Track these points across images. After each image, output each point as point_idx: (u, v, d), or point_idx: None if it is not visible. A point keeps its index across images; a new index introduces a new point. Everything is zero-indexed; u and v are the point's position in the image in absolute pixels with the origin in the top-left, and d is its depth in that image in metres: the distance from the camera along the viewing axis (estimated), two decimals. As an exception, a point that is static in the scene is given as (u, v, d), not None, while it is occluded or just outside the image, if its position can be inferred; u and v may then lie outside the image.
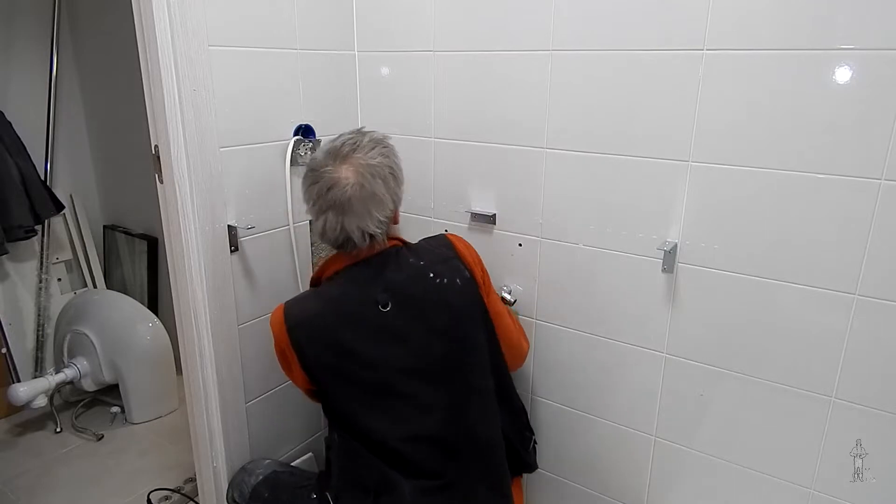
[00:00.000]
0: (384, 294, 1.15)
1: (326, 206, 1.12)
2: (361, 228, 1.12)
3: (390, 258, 1.19)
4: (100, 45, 2.47)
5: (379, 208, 1.13)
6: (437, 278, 1.18)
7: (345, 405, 1.17)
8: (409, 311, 1.15)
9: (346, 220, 1.11)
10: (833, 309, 1.09)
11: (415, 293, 1.16)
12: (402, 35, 1.47)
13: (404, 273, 1.17)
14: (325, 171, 1.12)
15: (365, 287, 1.16)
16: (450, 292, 1.18)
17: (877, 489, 1.12)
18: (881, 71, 0.96)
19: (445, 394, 1.16)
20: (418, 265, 1.18)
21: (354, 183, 1.10)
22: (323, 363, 1.15)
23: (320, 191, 1.12)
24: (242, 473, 1.39)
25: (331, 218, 1.12)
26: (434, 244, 1.25)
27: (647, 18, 1.14)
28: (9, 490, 1.94)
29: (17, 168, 2.21)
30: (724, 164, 1.13)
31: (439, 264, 1.19)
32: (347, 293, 1.16)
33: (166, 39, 1.15)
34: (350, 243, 1.14)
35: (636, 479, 1.41)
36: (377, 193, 1.13)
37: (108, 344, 2.23)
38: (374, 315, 1.14)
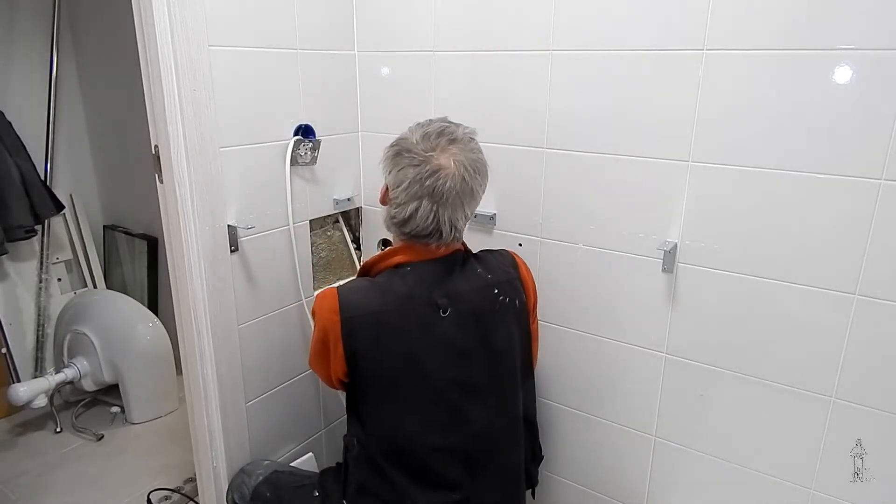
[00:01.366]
0: (445, 299, 1.10)
1: (423, 192, 1.06)
2: (453, 222, 1.09)
3: (457, 263, 1.15)
4: (100, 45, 2.47)
5: (471, 204, 1.11)
6: (500, 295, 1.15)
7: (384, 408, 1.12)
8: (467, 322, 1.11)
9: (440, 211, 1.07)
10: (833, 309, 1.08)
11: (476, 305, 1.12)
12: (402, 35, 1.47)
13: (470, 282, 1.13)
14: (427, 156, 1.06)
15: (430, 288, 1.11)
16: (510, 312, 1.15)
17: (877, 489, 1.12)
18: (881, 71, 0.96)
19: (487, 410, 1.14)
20: (485, 277, 1.15)
21: (456, 174, 1.06)
22: (374, 363, 1.09)
23: (420, 176, 1.06)
24: (242, 475, 1.39)
25: (425, 206, 1.07)
26: (500, 259, 1.21)
27: (648, 18, 1.14)
28: (9, 490, 1.94)
29: (17, 168, 2.21)
30: (724, 164, 1.13)
31: (504, 283, 1.16)
32: (414, 293, 1.10)
33: (166, 39, 1.15)
34: (436, 235, 1.09)
35: (636, 479, 1.41)
36: (474, 189, 1.10)
37: (108, 344, 2.23)
38: (434, 319, 1.10)
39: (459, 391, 1.11)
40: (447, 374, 1.10)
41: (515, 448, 1.20)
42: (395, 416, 1.11)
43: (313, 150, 1.48)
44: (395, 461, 1.11)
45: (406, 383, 1.10)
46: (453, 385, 1.11)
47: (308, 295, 1.56)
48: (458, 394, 1.11)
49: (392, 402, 1.11)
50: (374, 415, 1.13)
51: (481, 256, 1.20)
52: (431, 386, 1.10)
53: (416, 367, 1.09)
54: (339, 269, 1.68)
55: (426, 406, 1.11)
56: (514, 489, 1.22)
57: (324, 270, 1.63)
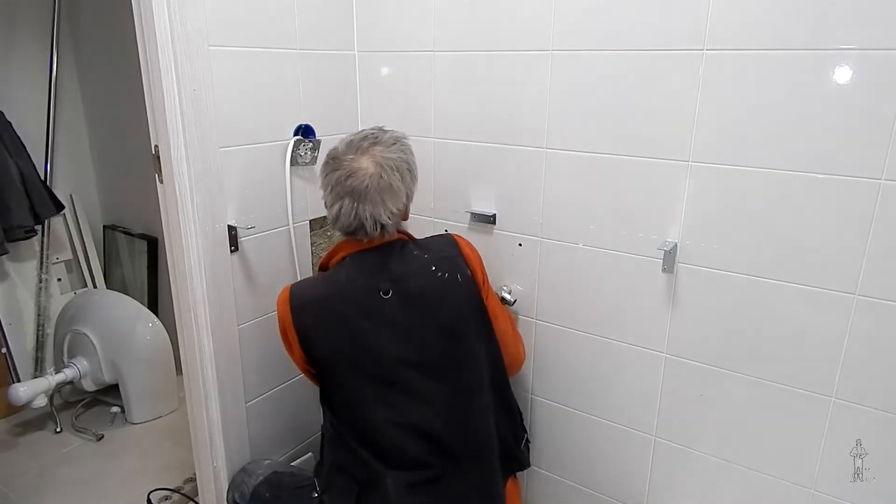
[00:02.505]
0: (386, 283, 1.18)
1: (344, 192, 1.17)
2: (374, 217, 1.17)
3: (395, 249, 1.22)
4: (100, 45, 2.47)
5: (393, 200, 1.18)
6: (438, 272, 1.20)
7: (343, 390, 1.19)
8: (409, 302, 1.18)
9: (360, 208, 1.16)
10: (833, 309, 1.09)
11: (417, 285, 1.19)
12: (402, 35, 1.47)
13: (408, 265, 1.21)
14: (345, 160, 1.17)
15: (369, 275, 1.19)
16: (450, 287, 1.20)
17: (877, 489, 1.12)
18: (881, 71, 0.96)
19: (443, 388, 1.18)
20: (422, 258, 1.22)
21: (373, 173, 1.16)
22: (324, 345, 1.18)
23: (339, 178, 1.17)
24: (242, 474, 1.39)
25: (346, 204, 1.17)
26: (439, 241, 1.28)
27: (648, 18, 1.14)
28: (9, 490, 1.93)
29: (17, 168, 2.21)
30: (724, 164, 1.13)
31: (443, 259, 1.22)
32: (352, 279, 1.19)
33: (166, 39, 1.15)
34: (361, 230, 1.18)
35: (636, 479, 1.41)
36: (393, 185, 1.17)
37: (108, 344, 2.23)
38: (375, 302, 1.17)
39: (411, 370, 1.16)
40: (395, 353, 1.16)
41: (483, 422, 1.22)
42: (354, 397, 1.18)
43: (313, 150, 1.48)
44: (363, 441, 1.17)
45: (356, 365, 1.17)
46: (403, 364, 1.16)
47: (308, 295, 1.56)
48: (410, 372, 1.16)
49: (348, 383, 1.18)
50: (337, 398, 1.21)
51: (420, 241, 1.28)
52: (380, 365, 1.16)
53: (362, 348, 1.16)
54: (339, 269, 1.68)
55: (379, 386, 1.16)
56: (489, 469, 1.22)
57: (324, 270, 1.63)
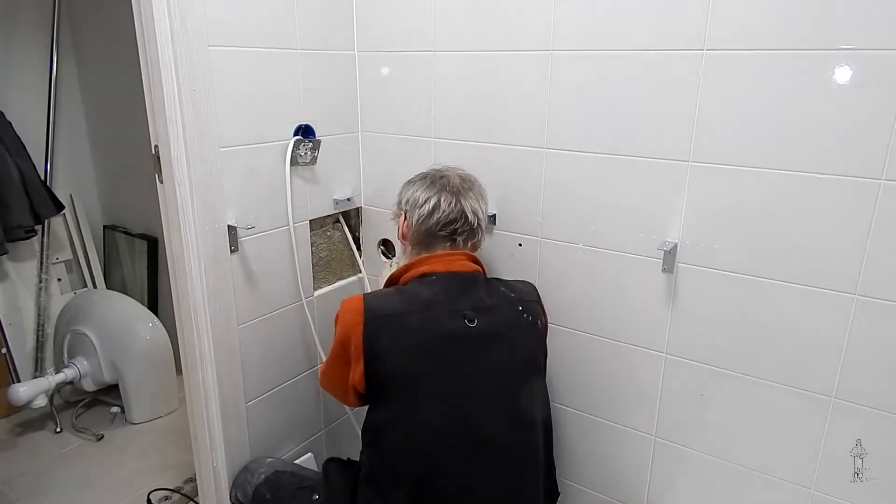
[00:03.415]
0: (472, 311, 1.10)
1: (438, 188, 1.19)
2: (473, 210, 1.18)
3: (480, 281, 1.17)
4: (100, 46, 2.47)
5: (482, 202, 1.22)
6: (524, 313, 1.16)
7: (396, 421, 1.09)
8: (493, 337, 1.11)
9: (461, 199, 1.17)
10: (833, 309, 1.08)
11: (503, 320, 1.13)
12: (402, 35, 1.47)
13: (495, 299, 1.15)
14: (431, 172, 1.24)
15: (455, 297, 1.11)
16: (532, 331, 1.17)
17: (877, 489, 1.12)
18: (881, 71, 0.96)
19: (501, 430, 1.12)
20: (509, 296, 1.17)
21: (458, 179, 1.21)
22: (389, 362, 1.07)
23: (430, 180, 1.21)
24: (245, 473, 1.39)
25: (446, 196, 1.17)
26: (522, 284, 1.24)
27: (648, 18, 1.14)
28: (9, 490, 1.93)
29: (17, 168, 2.21)
30: (724, 164, 1.13)
31: (528, 302, 1.19)
32: (438, 299, 1.11)
33: (166, 39, 1.15)
34: (461, 221, 1.16)
35: (636, 479, 1.41)
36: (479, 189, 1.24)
37: (108, 344, 2.23)
38: (460, 328, 1.09)
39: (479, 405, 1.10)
40: (470, 385, 1.09)
41: (534, 473, 1.18)
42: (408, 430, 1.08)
43: (313, 150, 1.48)
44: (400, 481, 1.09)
45: (424, 390, 1.08)
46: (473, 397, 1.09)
47: (308, 295, 1.57)
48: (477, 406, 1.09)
49: (407, 412, 1.08)
50: (387, 428, 1.10)
51: (503, 280, 1.24)
52: (449, 395, 1.08)
53: (438, 372, 1.08)
54: (340, 269, 1.68)
55: (441, 418, 1.08)
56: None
57: (324, 270, 1.63)
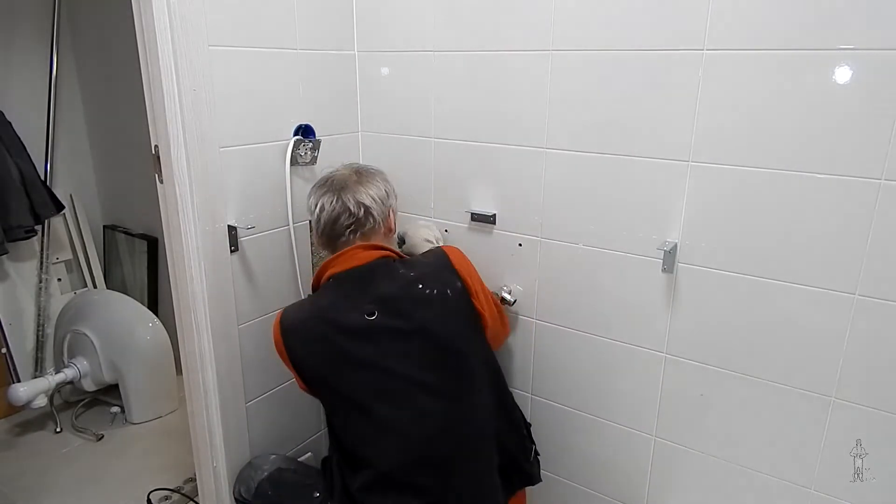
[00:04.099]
0: (370, 304, 1.15)
1: (323, 190, 1.22)
2: (357, 200, 1.20)
3: (380, 268, 1.19)
4: (100, 45, 2.47)
5: (373, 187, 1.22)
6: (426, 289, 1.17)
7: (338, 413, 1.19)
8: (394, 321, 1.15)
9: (342, 194, 1.20)
10: (833, 309, 1.08)
11: (402, 304, 1.15)
12: (402, 35, 1.47)
13: (395, 284, 1.17)
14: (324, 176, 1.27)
15: (352, 296, 1.17)
16: (441, 303, 1.17)
17: (877, 489, 1.12)
18: (881, 71, 0.96)
19: (438, 405, 1.15)
20: (408, 276, 1.18)
21: (347, 172, 1.25)
22: (313, 369, 1.18)
23: (316, 185, 1.24)
24: (249, 469, 1.40)
25: (328, 195, 1.20)
26: (429, 256, 1.26)
27: (647, 18, 1.14)
28: (9, 490, 1.93)
29: (17, 168, 2.21)
30: (724, 164, 1.13)
31: (428, 275, 1.19)
32: (335, 302, 1.18)
33: (166, 39, 1.15)
34: (345, 215, 1.19)
35: (636, 479, 1.41)
36: (372, 175, 1.25)
37: (108, 344, 2.23)
38: (360, 324, 1.14)
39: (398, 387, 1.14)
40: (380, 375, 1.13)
41: (486, 443, 1.20)
42: (345, 421, 1.17)
43: (313, 150, 1.48)
44: (353, 467, 1.16)
45: (344, 387, 1.15)
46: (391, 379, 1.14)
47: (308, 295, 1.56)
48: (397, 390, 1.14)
49: (339, 406, 1.18)
50: (333, 422, 1.21)
51: (408, 259, 1.25)
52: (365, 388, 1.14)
53: (347, 367, 1.14)
54: (339, 269, 1.68)
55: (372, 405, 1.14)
56: (490, 481, 1.20)
57: (324, 270, 1.63)
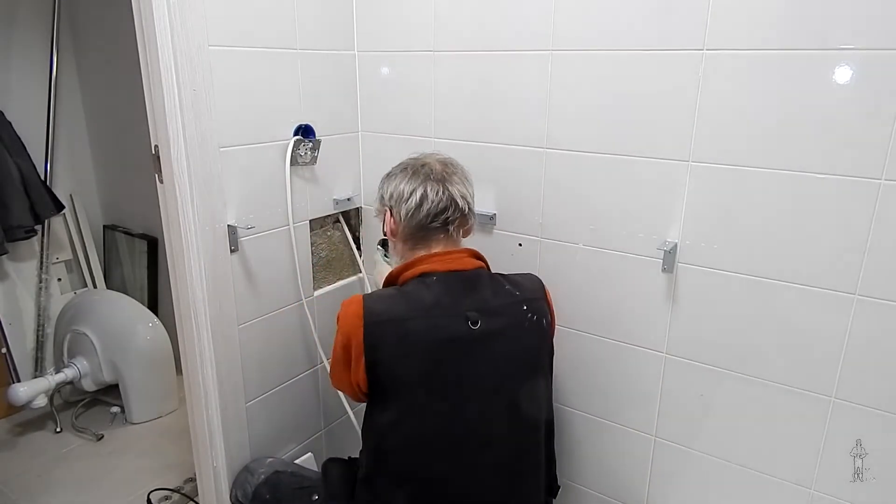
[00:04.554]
0: (475, 312, 1.07)
1: (423, 178, 1.12)
2: (462, 195, 1.13)
3: (484, 279, 1.13)
4: (100, 45, 2.47)
5: (469, 186, 1.16)
6: (529, 312, 1.12)
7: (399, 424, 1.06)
8: (496, 337, 1.08)
9: (447, 186, 1.12)
10: (833, 309, 1.08)
11: (507, 321, 1.10)
12: (402, 35, 1.47)
13: (499, 298, 1.11)
14: (410, 162, 1.17)
15: (458, 299, 1.07)
16: (538, 330, 1.14)
17: (877, 489, 1.12)
18: (881, 71, 0.96)
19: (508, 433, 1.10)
20: (514, 294, 1.13)
21: (440, 165, 1.16)
22: (393, 368, 1.05)
23: (412, 170, 1.14)
24: (245, 473, 1.39)
25: (432, 185, 1.11)
26: (528, 279, 1.20)
27: (648, 18, 1.14)
28: (9, 490, 1.93)
29: (17, 168, 2.21)
30: (724, 164, 1.13)
31: (533, 300, 1.15)
32: (441, 302, 1.06)
33: (166, 39, 1.15)
34: (451, 208, 1.12)
35: (636, 479, 1.41)
36: (466, 177, 1.18)
37: (108, 344, 2.23)
38: (461, 331, 1.05)
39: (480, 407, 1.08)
40: (472, 388, 1.07)
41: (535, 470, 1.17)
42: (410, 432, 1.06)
43: (313, 150, 1.48)
44: (400, 483, 1.07)
45: (427, 395, 1.05)
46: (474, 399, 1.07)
47: (308, 295, 1.57)
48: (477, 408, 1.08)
49: (409, 415, 1.06)
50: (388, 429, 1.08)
51: (508, 276, 1.19)
52: (450, 397, 1.06)
53: (440, 376, 1.05)
54: (340, 269, 1.68)
55: (442, 420, 1.06)
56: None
57: (324, 270, 1.63)
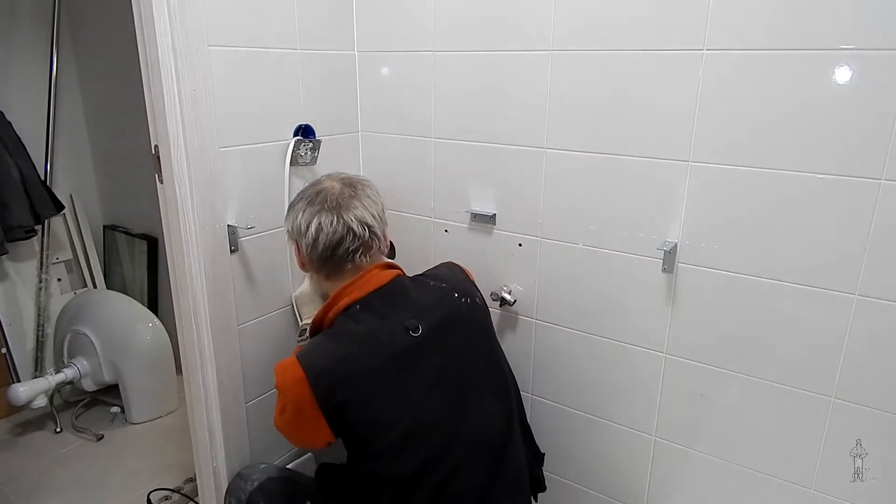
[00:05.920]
0: (413, 319, 1.06)
1: (318, 208, 1.09)
2: (360, 220, 1.09)
3: (405, 284, 1.11)
4: (100, 46, 2.47)
5: (372, 206, 1.12)
6: (462, 297, 1.12)
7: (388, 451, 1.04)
8: (441, 334, 1.07)
9: (343, 214, 1.08)
10: (833, 309, 1.08)
11: (445, 314, 1.09)
12: (402, 35, 1.47)
13: (429, 295, 1.10)
14: (308, 191, 1.15)
15: (388, 314, 1.06)
16: (476, 312, 1.14)
17: (877, 489, 1.12)
18: (881, 71, 0.96)
19: (482, 417, 1.10)
20: (440, 287, 1.13)
21: (340, 188, 1.12)
22: (359, 406, 1.02)
23: (308, 200, 1.12)
24: (238, 480, 1.38)
25: (326, 216, 1.08)
26: (446, 269, 1.20)
27: (647, 18, 1.14)
28: (9, 490, 1.93)
29: (17, 168, 2.21)
30: (723, 164, 1.13)
31: (459, 286, 1.15)
32: (373, 325, 1.04)
33: (166, 39, 1.15)
34: (349, 237, 1.08)
35: (636, 479, 1.41)
36: (368, 194, 1.13)
37: (108, 344, 2.23)
38: (405, 343, 1.04)
39: (455, 402, 1.09)
40: (432, 391, 1.07)
41: (519, 449, 1.19)
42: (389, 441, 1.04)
43: (313, 150, 1.48)
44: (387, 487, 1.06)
45: (392, 413, 1.04)
46: (449, 398, 1.08)
47: (308, 295, 1.57)
48: (453, 407, 1.08)
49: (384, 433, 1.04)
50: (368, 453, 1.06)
51: (426, 273, 1.20)
52: (421, 407, 1.05)
53: (405, 394, 1.04)
54: (339, 269, 1.68)
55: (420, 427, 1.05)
56: (523, 495, 1.20)
57: (324, 270, 1.63)
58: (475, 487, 1.09)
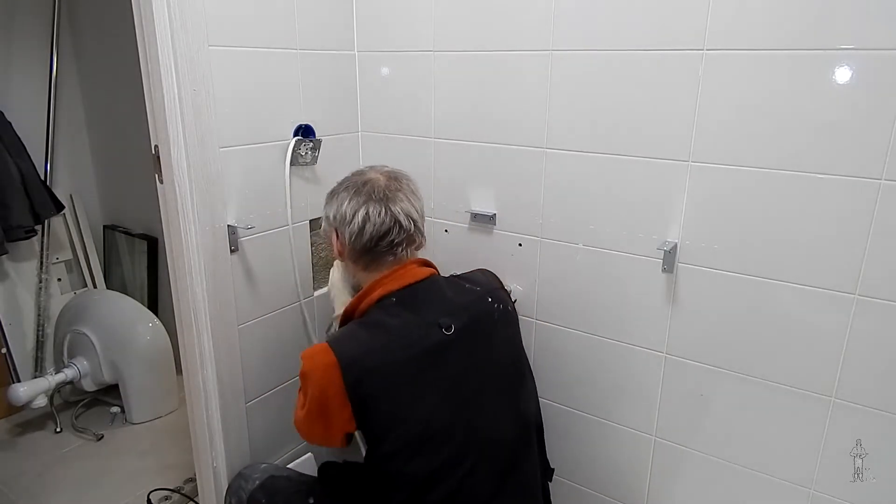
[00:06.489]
0: (445, 317, 1.05)
1: (364, 198, 1.08)
2: (406, 213, 1.09)
3: (440, 283, 1.11)
4: (100, 45, 2.47)
5: (416, 201, 1.12)
6: (494, 303, 1.12)
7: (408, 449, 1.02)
8: (473, 334, 1.07)
9: (390, 205, 1.07)
10: (833, 309, 1.08)
11: (477, 316, 1.09)
12: (402, 35, 1.47)
13: (463, 296, 1.10)
14: (352, 180, 1.13)
15: (423, 310, 1.06)
16: (507, 317, 1.14)
17: (877, 489, 1.12)
18: (881, 71, 0.96)
19: (501, 420, 1.11)
20: (475, 290, 1.13)
21: (384, 180, 1.12)
22: (386, 400, 1.01)
23: (353, 189, 1.10)
24: (239, 479, 1.38)
25: (373, 206, 1.07)
26: (480, 274, 1.20)
27: (647, 18, 1.14)
28: (9, 490, 1.93)
29: (17, 168, 2.21)
30: (723, 164, 1.13)
31: (494, 290, 1.15)
32: (407, 320, 1.04)
33: (166, 39, 1.15)
34: (395, 229, 1.07)
35: (636, 479, 1.41)
36: (413, 190, 1.13)
37: (108, 344, 2.23)
38: (437, 340, 1.04)
39: (476, 405, 1.08)
40: (457, 390, 1.06)
41: (534, 457, 1.19)
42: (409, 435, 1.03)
43: (314, 150, 1.48)
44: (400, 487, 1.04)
45: (418, 407, 1.03)
46: (465, 400, 1.07)
47: (307, 295, 1.56)
48: (472, 409, 1.07)
49: (405, 429, 1.02)
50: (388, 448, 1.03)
51: (462, 275, 1.19)
52: (444, 405, 1.05)
53: (425, 388, 1.03)
54: (339, 269, 1.68)
55: (439, 426, 1.04)
56: (535, 503, 1.19)
57: (324, 270, 1.63)
58: (487, 493, 1.09)
